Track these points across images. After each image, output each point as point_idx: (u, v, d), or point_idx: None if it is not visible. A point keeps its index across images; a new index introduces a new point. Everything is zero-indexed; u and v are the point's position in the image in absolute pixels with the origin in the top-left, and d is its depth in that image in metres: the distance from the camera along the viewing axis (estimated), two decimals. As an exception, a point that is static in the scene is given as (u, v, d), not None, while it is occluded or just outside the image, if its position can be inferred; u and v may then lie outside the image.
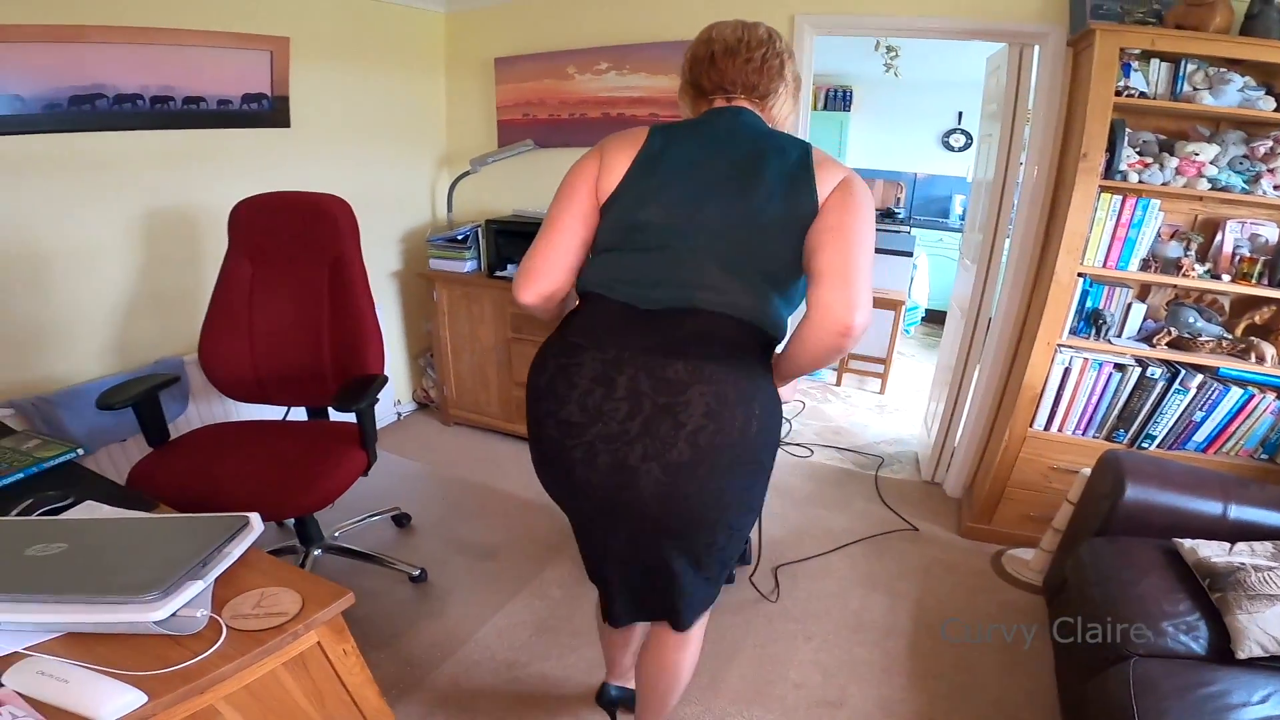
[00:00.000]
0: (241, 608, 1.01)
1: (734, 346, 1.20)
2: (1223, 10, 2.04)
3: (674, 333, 1.19)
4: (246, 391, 2.24)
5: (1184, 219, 2.38)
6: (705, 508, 1.23)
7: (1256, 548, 1.80)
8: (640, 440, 1.18)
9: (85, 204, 2.29)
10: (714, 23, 1.35)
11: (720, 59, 1.31)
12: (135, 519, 1.17)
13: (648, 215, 1.23)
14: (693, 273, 1.20)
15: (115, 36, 2.21)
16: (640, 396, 1.17)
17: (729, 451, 1.18)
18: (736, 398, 1.17)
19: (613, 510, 1.27)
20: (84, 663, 0.90)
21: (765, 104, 1.33)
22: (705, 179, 1.23)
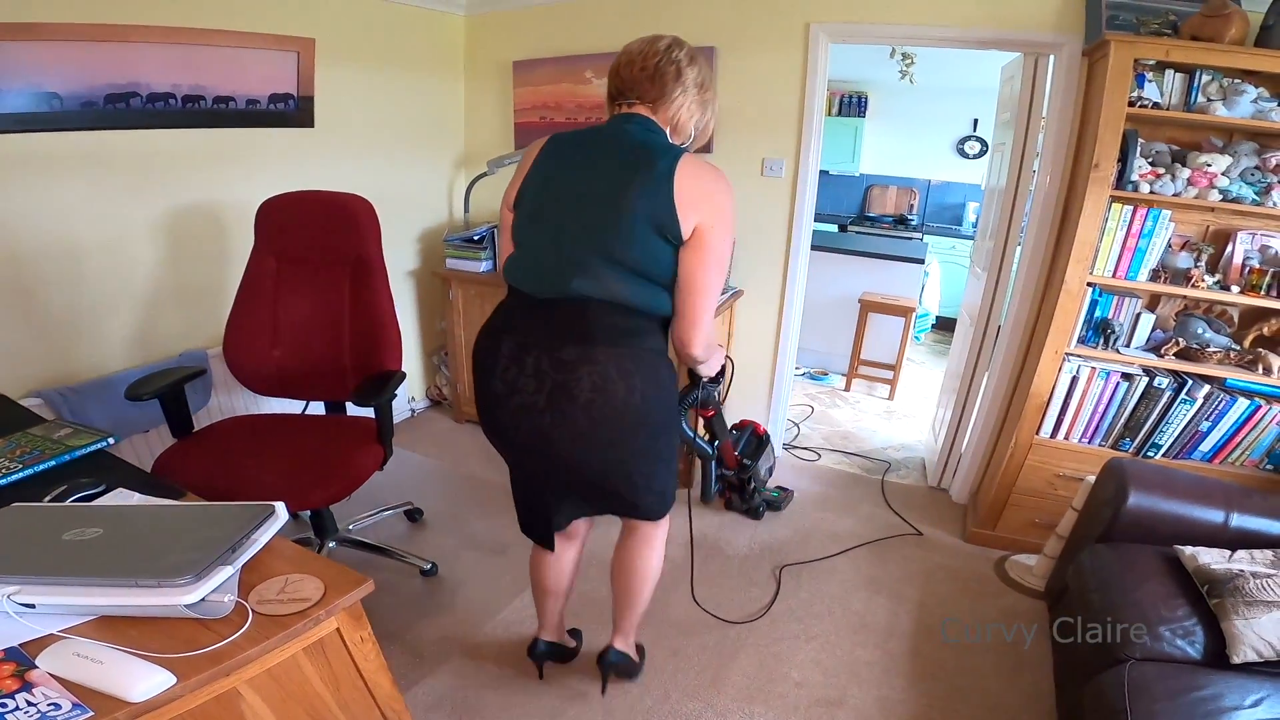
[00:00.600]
0: (267, 593, 1.04)
1: (616, 329, 1.40)
2: (1238, 22, 2.05)
3: (564, 319, 1.41)
4: (268, 385, 2.29)
5: (1195, 230, 2.39)
6: (611, 463, 1.51)
7: (1257, 555, 1.81)
8: (549, 410, 1.43)
9: (116, 200, 2.35)
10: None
11: (622, 68, 1.47)
12: (166, 506, 1.21)
13: (537, 216, 1.46)
14: (574, 267, 1.39)
15: (151, 36, 2.26)
16: (544, 374, 1.41)
17: (617, 418, 1.42)
18: (618, 374, 1.39)
19: (542, 463, 1.56)
20: (117, 645, 0.92)
21: (659, 108, 1.46)
22: (584, 183, 1.41)
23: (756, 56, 2.88)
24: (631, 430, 1.46)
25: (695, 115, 1.50)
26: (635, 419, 1.44)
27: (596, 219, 1.38)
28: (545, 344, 1.42)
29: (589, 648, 2.11)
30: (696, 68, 1.48)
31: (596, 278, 1.38)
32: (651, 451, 1.54)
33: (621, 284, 1.38)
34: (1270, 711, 1.41)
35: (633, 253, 1.36)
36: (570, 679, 2.04)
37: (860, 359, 4.51)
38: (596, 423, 1.42)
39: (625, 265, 1.38)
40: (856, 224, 6.49)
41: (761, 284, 3.17)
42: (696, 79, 1.47)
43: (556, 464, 1.53)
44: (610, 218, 1.36)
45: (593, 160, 1.42)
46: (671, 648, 2.18)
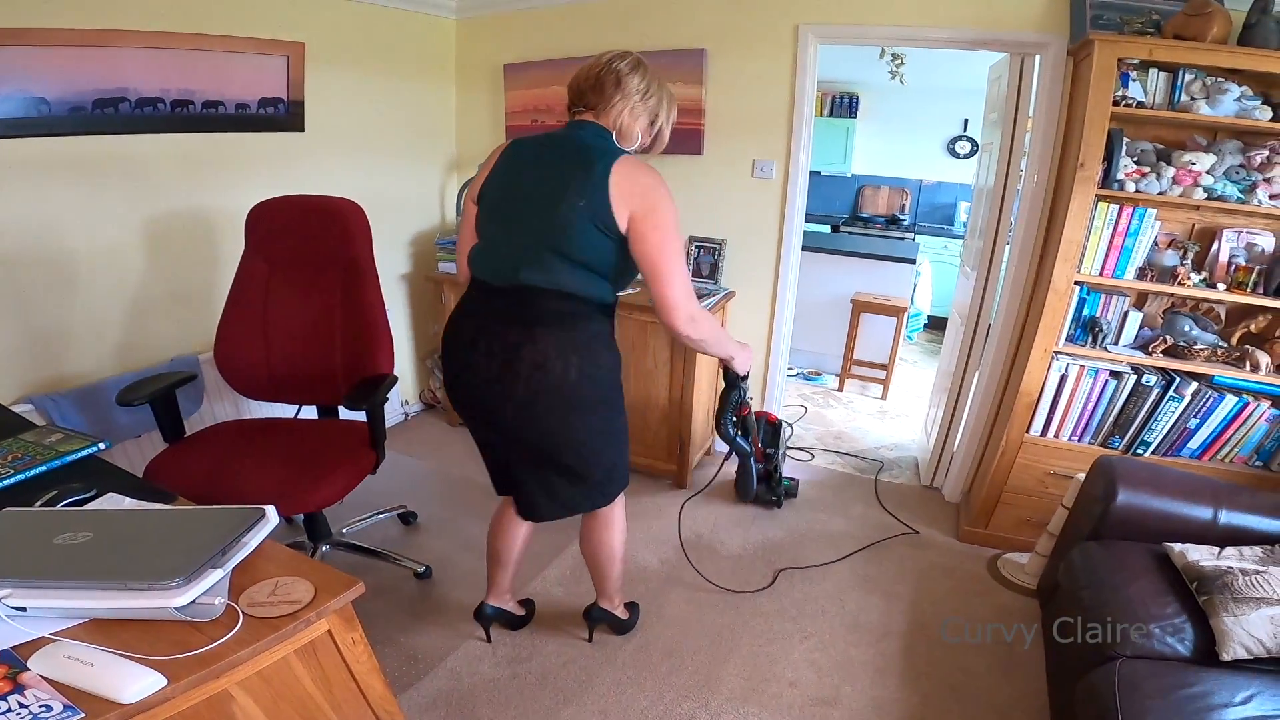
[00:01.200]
0: (257, 596, 1.05)
1: (557, 313, 1.57)
2: (1220, 20, 2.06)
3: (514, 304, 1.58)
4: (260, 389, 2.29)
5: (1181, 228, 2.41)
6: (550, 433, 1.66)
7: (1245, 552, 1.83)
8: (497, 384, 1.61)
9: (106, 205, 2.35)
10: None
11: (574, 79, 1.65)
12: (157, 510, 1.21)
13: (495, 212, 1.63)
14: (523, 258, 1.56)
15: (139, 41, 2.26)
16: (493, 353, 1.60)
17: (555, 393, 1.59)
18: (556, 353, 1.57)
19: (495, 434, 1.76)
20: (108, 647, 0.93)
21: (601, 114, 1.61)
22: (535, 182, 1.57)
23: (746, 58, 2.89)
24: (572, 405, 1.63)
25: (640, 119, 1.64)
26: (574, 394, 1.61)
27: (543, 215, 1.54)
28: (496, 327, 1.60)
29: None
30: (639, 76, 1.61)
31: (542, 268, 1.54)
32: (594, 426, 1.70)
33: (564, 273, 1.55)
34: (1260, 709, 1.41)
35: (573, 245, 1.52)
36: (564, 679, 2.04)
37: (853, 359, 4.53)
38: (536, 394, 1.59)
39: (567, 256, 1.53)
40: (849, 224, 6.51)
41: (753, 285, 3.18)
42: (639, 87, 1.60)
43: (506, 434, 1.72)
44: (554, 214, 1.52)
45: (544, 162, 1.59)
46: (666, 648, 2.19)
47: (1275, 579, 1.63)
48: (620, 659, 2.14)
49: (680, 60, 2.96)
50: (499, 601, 2.16)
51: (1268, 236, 2.30)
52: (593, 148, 1.55)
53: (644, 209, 1.50)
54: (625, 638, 2.22)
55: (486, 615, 2.14)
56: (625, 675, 2.08)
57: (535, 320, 1.57)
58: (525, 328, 1.57)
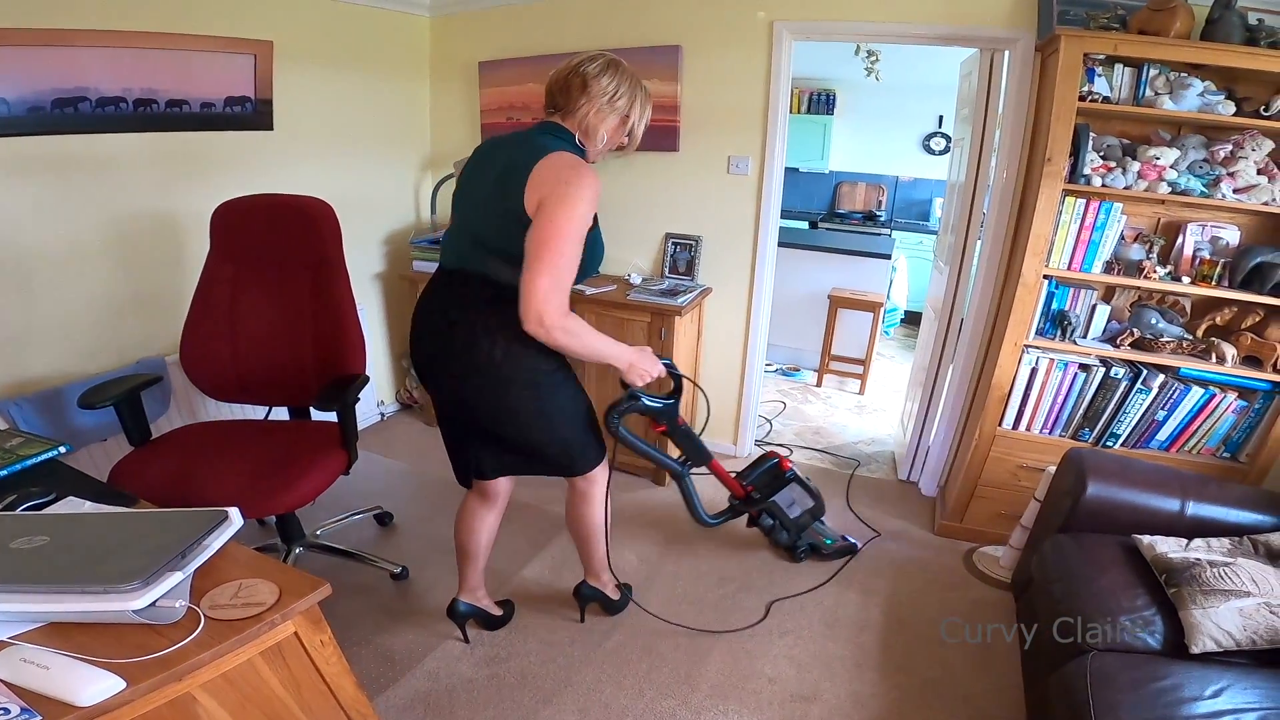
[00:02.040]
0: (219, 598, 1.04)
1: (487, 297, 1.65)
2: (1183, 16, 2.08)
3: (455, 287, 1.71)
4: (228, 391, 2.25)
5: (1146, 222, 2.44)
6: (482, 407, 1.76)
7: (1213, 543, 1.85)
8: (440, 358, 1.75)
9: (68, 206, 2.30)
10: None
11: (548, 82, 1.70)
12: (116, 513, 1.19)
13: (456, 203, 1.75)
14: (464, 246, 1.69)
15: (99, 40, 2.22)
16: (437, 331, 1.73)
17: (484, 371, 1.68)
18: (482, 332, 1.65)
19: (443, 407, 1.90)
20: (65, 651, 0.92)
21: (567, 116, 1.67)
22: (482, 177, 1.67)
23: (721, 55, 2.90)
24: (499, 382, 1.70)
25: (608, 120, 1.68)
26: (498, 372, 1.69)
27: (479, 208, 1.66)
28: (442, 307, 1.74)
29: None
30: (608, 78, 1.64)
31: (476, 256, 1.66)
32: (529, 405, 1.76)
33: (491, 263, 1.63)
34: (1231, 702, 1.42)
35: (500, 240, 1.60)
36: (543, 678, 2.04)
37: (831, 354, 4.55)
38: (466, 370, 1.70)
39: (492, 248, 1.63)
40: (827, 221, 6.54)
41: (729, 281, 3.19)
42: (607, 88, 1.64)
43: (449, 406, 1.87)
44: (486, 208, 1.64)
45: (495, 158, 1.66)
46: (645, 645, 2.19)
47: (1243, 571, 1.65)
48: (599, 657, 2.13)
49: (655, 57, 2.96)
50: (471, 598, 2.16)
51: (1232, 230, 2.34)
52: (538, 145, 1.58)
53: (551, 198, 1.50)
54: (604, 634, 2.22)
55: (460, 613, 2.14)
56: (605, 673, 2.07)
57: (468, 303, 1.68)
58: (460, 309, 1.69)
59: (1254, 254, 2.21)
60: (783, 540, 2.62)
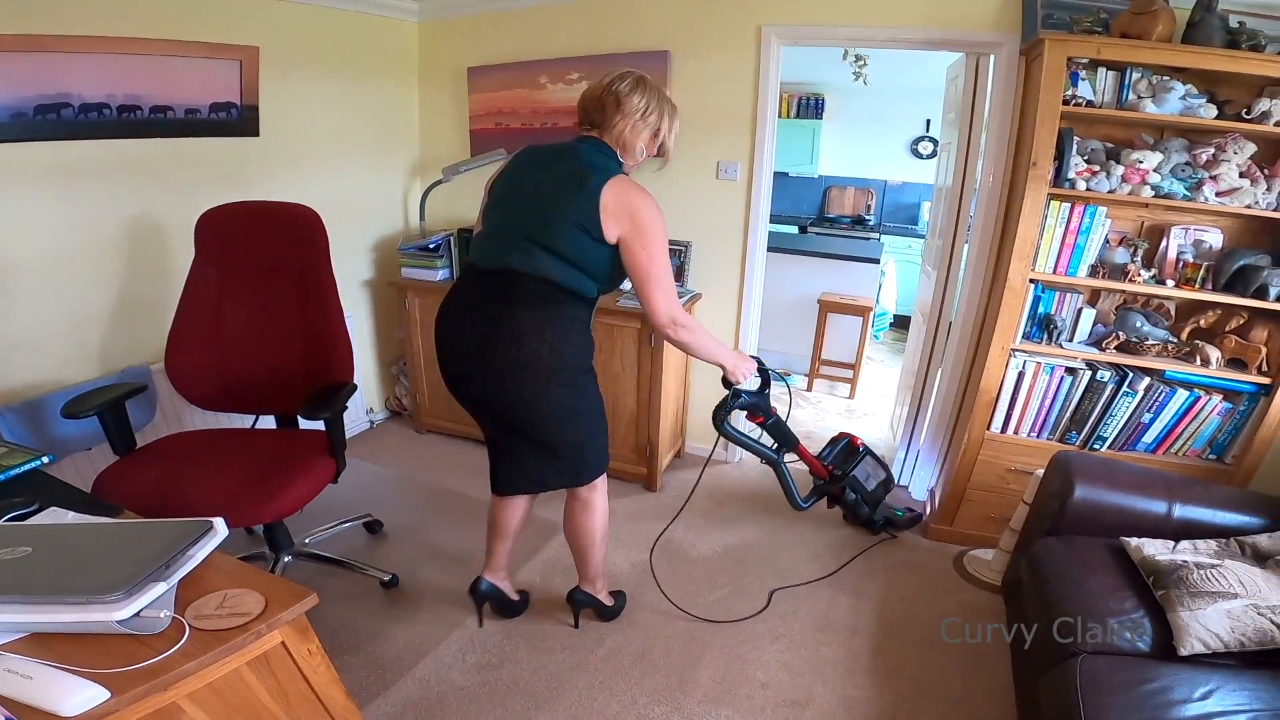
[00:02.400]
0: (204, 608, 1.03)
1: (536, 295, 1.73)
2: (1165, 19, 2.09)
3: (498, 285, 1.75)
4: (214, 400, 2.24)
5: (1130, 225, 2.46)
6: (520, 403, 1.81)
7: (1200, 546, 1.86)
8: (477, 356, 1.79)
9: (51, 212, 2.28)
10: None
11: (580, 100, 1.81)
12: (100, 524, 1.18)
13: (498, 205, 1.81)
14: (512, 246, 1.74)
15: (82, 46, 2.21)
16: (476, 326, 1.78)
17: (526, 366, 1.75)
18: (530, 329, 1.73)
19: (471, 401, 1.92)
20: (49, 661, 0.91)
21: (605, 132, 1.77)
22: (535, 184, 1.76)
23: (709, 60, 2.90)
24: (540, 378, 1.77)
25: (642, 135, 1.78)
26: (543, 368, 1.76)
27: (536, 212, 1.72)
28: (480, 304, 1.78)
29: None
30: (639, 95, 1.74)
31: (528, 256, 1.71)
32: (562, 402, 1.83)
33: (547, 264, 1.71)
34: (1219, 704, 1.43)
35: (559, 243, 1.69)
36: (535, 685, 2.03)
37: (821, 359, 4.57)
38: (509, 365, 1.75)
39: (552, 251, 1.70)
40: (816, 225, 6.57)
41: (720, 287, 3.19)
42: (639, 105, 1.74)
43: (483, 404, 1.89)
44: (546, 213, 1.70)
45: (547, 167, 1.76)
46: (637, 652, 2.18)
47: (1230, 573, 1.66)
48: (592, 664, 2.12)
49: (644, 62, 2.95)
50: (494, 578, 2.22)
51: (1214, 233, 2.36)
52: (591, 164, 1.71)
53: (633, 231, 1.67)
54: (596, 641, 2.21)
55: (481, 591, 2.20)
56: (597, 680, 2.06)
57: (516, 300, 1.73)
58: (507, 305, 1.74)
59: (1237, 257, 2.23)
60: (863, 515, 2.78)
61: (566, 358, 1.79)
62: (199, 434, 2.23)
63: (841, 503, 2.77)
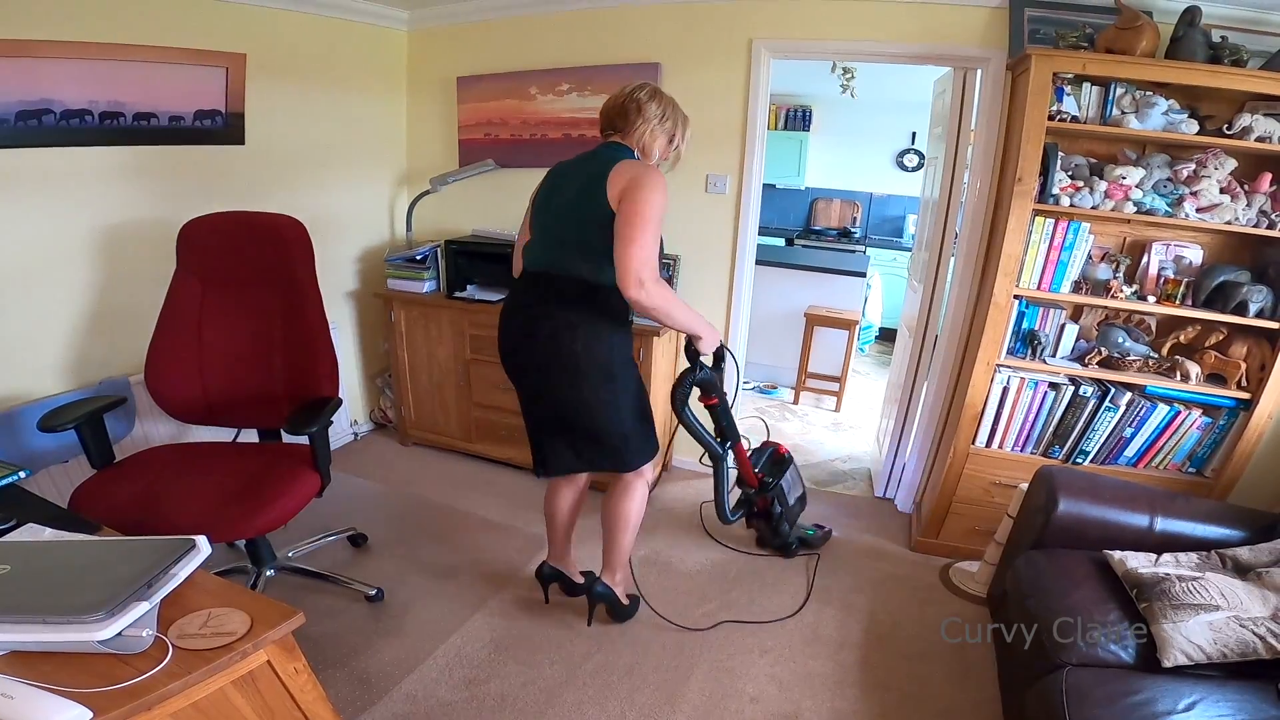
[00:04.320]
0: (188, 628, 1.02)
1: (572, 294, 1.87)
2: (1150, 34, 2.12)
3: (541, 286, 1.92)
4: (195, 414, 2.21)
5: (1113, 241, 2.49)
6: (562, 397, 1.95)
7: (1181, 558, 1.88)
8: (523, 352, 1.96)
9: (30, 220, 2.24)
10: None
11: (604, 108, 1.96)
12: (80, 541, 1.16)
13: (539, 212, 1.97)
14: (550, 250, 1.91)
15: (64, 52, 2.18)
16: (521, 325, 1.95)
17: (564, 360, 1.89)
18: (565, 326, 1.87)
19: (523, 391, 2.08)
20: (29, 680, 0.90)
21: (627, 136, 1.92)
22: (564, 192, 1.90)
23: (700, 73, 2.92)
24: (577, 373, 1.90)
25: (659, 139, 1.94)
26: (578, 363, 1.89)
27: (567, 216, 1.88)
28: (527, 304, 1.94)
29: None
30: (656, 104, 1.91)
31: (563, 258, 1.87)
32: (600, 396, 1.94)
33: (579, 263, 1.85)
34: (1203, 715, 1.44)
35: (587, 242, 1.82)
36: (523, 700, 2.00)
37: (807, 372, 4.58)
38: (550, 359, 1.90)
39: (580, 249, 1.84)
40: (803, 237, 6.61)
41: (708, 300, 3.19)
42: (657, 112, 1.91)
43: (530, 394, 2.05)
44: (574, 215, 1.85)
45: (576, 173, 1.90)
46: (626, 666, 2.16)
47: (1211, 585, 1.68)
48: (580, 679, 2.10)
49: (634, 75, 2.95)
50: (557, 563, 2.36)
51: (1195, 249, 2.40)
52: (608, 158, 1.84)
53: (629, 188, 1.74)
54: (585, 656, 2.19)
55: (544, 574, 2.36)
56: (586, 695, 2.04)
57: (554, 299, 1.88)
58: (546, 305, 1.89)
59: (1216, 273, 2.27)
60: (782, 533, 2.70)
61: (599, 353, 1.90)
62: (179, 447, 2.19)
63: (764, 516, 2.68)
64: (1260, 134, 2.12)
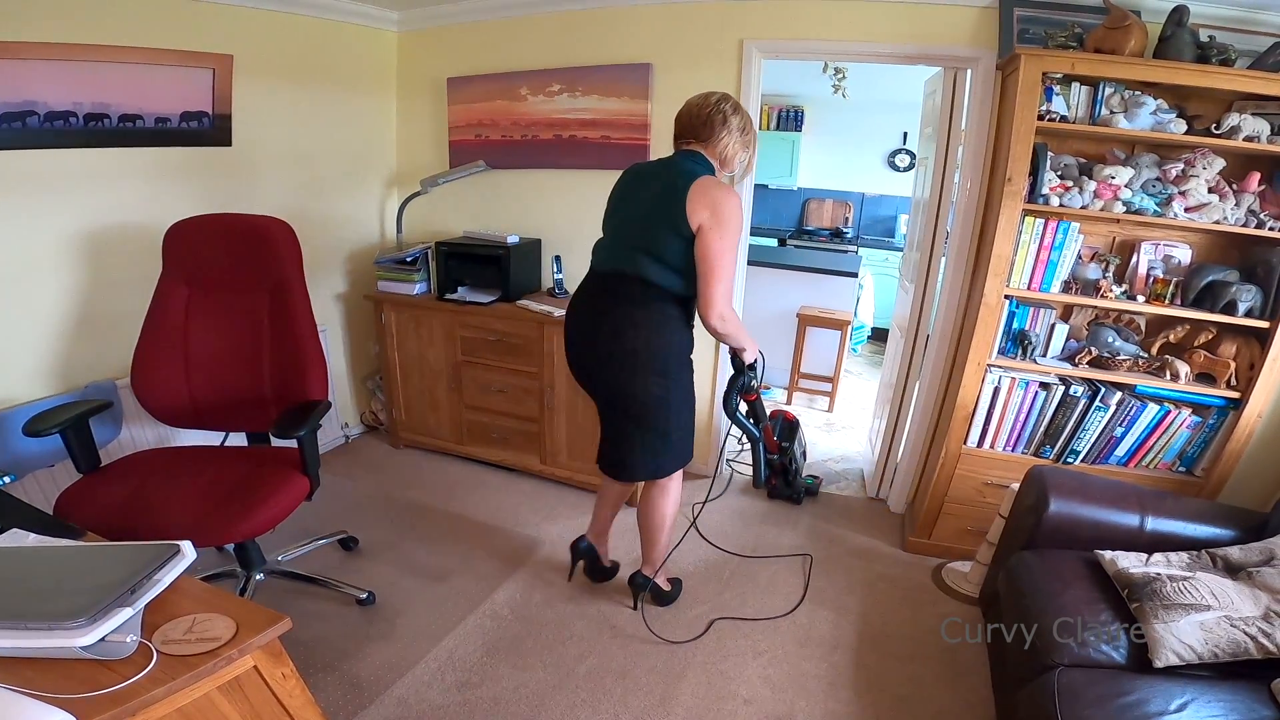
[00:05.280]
0: (172, 633, 1.01)
1: (637, 294, 1.96)
2: (1138, 34, 2.13)
3: (609, 285, 2.02)
4: (182, 417, 2.19)
5: (1102, 241, 2.50)
6: (620, 387, 2.05)
7: (1172, 558, 1.89)
8: (588, 345, 2.08)
9: (14, 223, 2.22)
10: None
11: (682, 116, 2.02)
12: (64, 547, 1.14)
13: (611, 216, 2.09)
14: (620, 251, 2.00)
15: (48, 53, 2.16)
16: (587, 320, 2.06)
17: (624, 355, 1.99)
18: (629, 323, 1.97)
19: (586, 385, 2.18)
20: (10, 686, 0.89)
21: (708, 145, 1.98)
22: (640, 197, 1.99)
23: (691, 73, 2.91)
24: (636, 367, 2.00)
25: (739, 152, 2.02)
26: (637, 359, 1.99)
27: (639, 220, 1.96)
28: (592, 302, 2.06)
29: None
30: (739, 116, 1.99)
31: (630, 260, 1.96)
32: (653, 390, 2.04)
33: (645, 266, 1.93)
34: (1195, 715, 1.45)
35: (656, 247, 1.91)
36: (515, 703, 1.99)
37: (800, 372, 4.59)
38: (611, 353, 2.01)
39: (650, 253, 1.92)
40: (795, 238, 6.61)
41: (699, 300, 3.19)
42: (739, 125, 1.98)
43: (593, 384, 2.15)
44: (647, 220, 1.94)
45: (651, 179, 1.99)
46: (619, 669, 2.16)
47: (1202, 585, 1.69)
48: (573, 683, 2.10)
49: (625, 75, 2.98)
50: (595, 540, 2.50)
51: (1184, 249, 2.41)
52: (686, 171, 1.91)
53: (713, 220, 1.84)
54: (577, 659, 2.19)
55: (580, 548, 2.49)
56: (579, 698, 2.04)
57: (619, 297, 1.98)
58: (612, 302, 2.00)
59: (1205, 273, 2.28)
60: (793, 486, 3.21)
61: (658, 349, 2.00)
62: (166, 451, 2.18)
63: (782, 473, 3.18)
64: (1248, 133, 2.14)
